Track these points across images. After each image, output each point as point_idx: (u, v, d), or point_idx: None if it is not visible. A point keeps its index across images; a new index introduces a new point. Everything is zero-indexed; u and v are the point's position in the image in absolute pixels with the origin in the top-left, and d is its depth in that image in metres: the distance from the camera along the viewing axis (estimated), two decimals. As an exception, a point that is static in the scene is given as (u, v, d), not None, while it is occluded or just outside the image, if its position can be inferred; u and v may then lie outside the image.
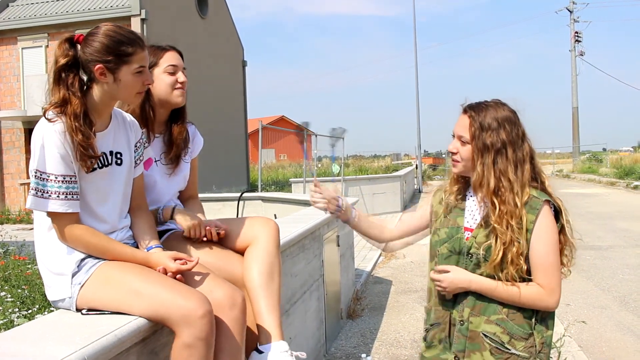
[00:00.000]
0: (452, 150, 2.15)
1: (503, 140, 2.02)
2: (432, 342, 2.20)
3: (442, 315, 2.17)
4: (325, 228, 4.99)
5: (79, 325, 1.82)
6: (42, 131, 1.92)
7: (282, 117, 51.08)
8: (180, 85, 2.43)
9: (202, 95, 20.74)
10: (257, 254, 2.29)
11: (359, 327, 5.75)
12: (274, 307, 2.22)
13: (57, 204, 1.92)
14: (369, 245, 10.32)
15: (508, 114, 2.06)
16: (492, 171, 2.03)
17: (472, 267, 2.08)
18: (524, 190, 2.02)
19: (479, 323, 2.07)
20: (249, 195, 10.00)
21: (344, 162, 20.68)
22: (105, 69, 1.98)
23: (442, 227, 2.19)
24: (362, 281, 7.46)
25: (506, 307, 2.05)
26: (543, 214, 2.01)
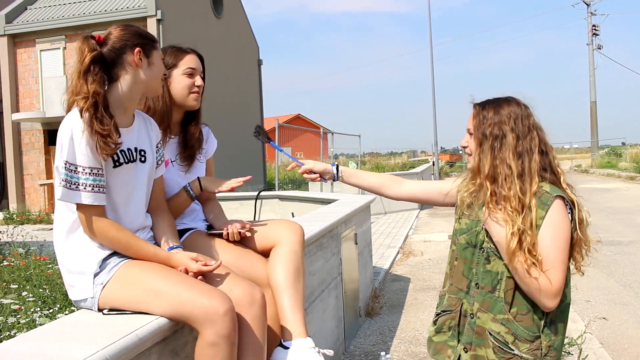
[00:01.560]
0: (463, 144, 2.20)
1: (504, 129, 2.04)
2: (441, 328, 2.23)
3: (455, 303, 2.19)
4: (343, 226, 4.99)
5: (101, 325, 1.84)
6: (70, 124, 1.96)
7: (298, 115, 51.16)
8: (196, 89, 2.46)
9: (219, 95, 20.83)
10: (283, 255, 2.31)
11: (378, 325, 5.74)
12: (299, 305, 2.24)
13: (86, 196, 1.95)
14: (387, 243, 10.31)
15: (515, 108, 2.08)
16: (488, 157, 2.05)
17: (483, 262, 2.09)
18: (532, 180, 2.01)
19: (486, 320, 2.07)
20: (266, 194, 10.01)
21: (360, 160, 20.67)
22: (142, 52, 2.08)
23: (464, 217, 2.20)
24: (380, 279, 7.45)
25: (514, 307, 2.04)
26: (554, 209, 1.98)
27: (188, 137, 2.51)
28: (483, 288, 2.09)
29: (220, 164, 13.72)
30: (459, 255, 2.19)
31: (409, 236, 11.47)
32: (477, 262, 2.12)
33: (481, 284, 2.10)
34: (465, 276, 2.16)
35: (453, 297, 2.21)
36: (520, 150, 2.03)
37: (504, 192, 2.01)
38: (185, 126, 2.54)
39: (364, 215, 6.24)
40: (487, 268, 2.08)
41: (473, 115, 2.13)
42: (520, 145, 2.03)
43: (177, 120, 2.51)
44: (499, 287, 2.06)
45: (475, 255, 2.13)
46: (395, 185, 2.50)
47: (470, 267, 2.14)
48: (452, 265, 2.23)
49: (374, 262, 7.72)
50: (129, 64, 2.07)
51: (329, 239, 4.47)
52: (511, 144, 2.03)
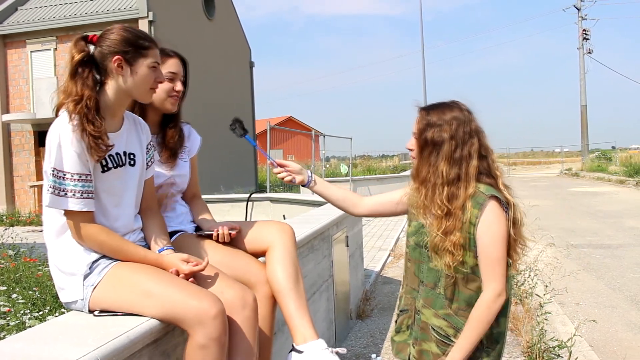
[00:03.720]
0: (408, 147, 2.28)
1: (444, 136, 2.12)
2: (400, 327, 2.34)
3: (410, 302, 2.28)
4: (334, 228, 4.99)
5: (92, 327, 1.83)
6: (58, 130, 1.95)
7: (290, 118, 51.17)
8: (175, 93, 2.46)
9: (210, 97, 20.80)
10: (280, 257, 2.32)
11: (369, 328, 5.74)
12: (304, 308, 2.26)
13: (74, 202, 1.94)
14: (378, 245, 10.32)
15: (457, 114, 2.15)
16: (426, 164, 2.15)
17: (428, 260, 2.18)
18: (469, 185, 2.10)
19: (429, 315, 2.18)
20: (257, 196, 10.03)
21: (352, 162, 20.70)
22: (123, 60, 2.03)
23: (414, 220, 2.27)
24: (371, 281, 7.45)
25: (455, 303, 2.14)
26: (489, 209, 2.07)
27: (167, 139, 2.51)
28: (427, 285, 2.20)
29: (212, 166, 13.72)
30: (410, 256, 2.28)
31: (400, 239, 11.47)
32: (422, 261, 2.21)
33: (425, 281, 2.20)
34: (416, 276, 2.25)
35: (408, 296, 2.30)
36: (457, 156, 2.11)
37: (426, 201, 2.14)
38: (164, 127, 2.54)
39: (355, 218, 6.25)
40: (429, 266, 2.18)
41: (417, 120, 2.20)
42: (457, 152, 2.11)
43: (154, 121, 2.50)
44: (439, 283, 2.16)
45: (422, 254, 2.21)
46: (357, 202, 2.54)
47: (419, 266, 2.23)
48: (406, 267, 2.33)
49: (365, 264, 7.73)
50: (111, 71, 2.05)
51: (320, 241, 4.47)
52: (447, 151, 2.12)
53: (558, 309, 6.16)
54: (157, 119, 2.52)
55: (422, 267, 2.21)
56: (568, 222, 12.77)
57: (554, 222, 12.39)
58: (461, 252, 2.07)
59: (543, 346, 4.50)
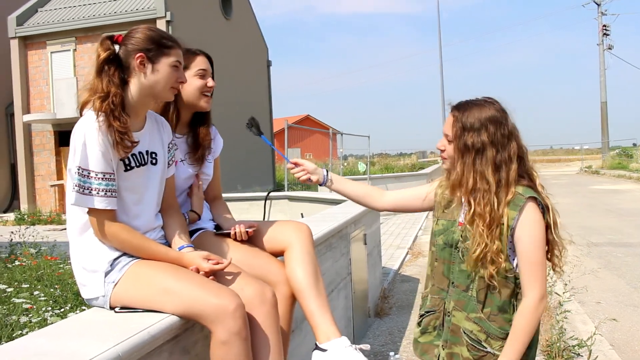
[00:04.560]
0: (439, 147, 2.22)
1: (484, 141, 2.05)
2: (426, 329, 2.27)
3: (438, 303, 2.23)
4: (352, 227, 4.99)
5: (113, 323, 1.86)
6: (83, 129, 1.97)
7: (307, 116, 51.19)
8: (208, 89, 2.48)
9: (228, 96, 20.87)
10: (299, 256, 2.33)
11: (387, 326, 5.74)
12: (325, 306, 2.26)
13: (99, 201, 1.97)
14: (396, 243, 10.31)
15: (493, 114, 2.07)
16: (471, 171, 2.07)
17: (459, 261, 2.14)
18: (509, 190, 2.04)
19: (461, 318, 2.13)
20: (275, 194, 10.05)
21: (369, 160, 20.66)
22: (145, 58, 2.06)
23: (441, 218, 2.23)
24: (389, 279, 7.45)
25: (487, 308, 2.09)
26: (527, 210, 2.02)
27: (200, 139, 2.53)
28: (458, 287, 2.15)
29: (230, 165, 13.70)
30: (438, 255, 2.23)
31: (418, 237, 11.45)
32: (453, 262, 2.17)
33: (456, 283, 2.16)
34: (445, 276, 2.20)
35: (436, 297, 2.24)
36: (498, 162, 2.05)
37: (478, 209, 2.05)
38: (195, 127, 2.56)
39: (373, 215, 6.24)
40: (461, 267, 2.13)
41: (452, 122, 2.13)
42: (499, 157, 2.05)
43: (185, 121, 2.54)
44: (472, 286, 2.11)
45: (452, 255, 2.17)
46: (378, 196, 2.52)
47: (449, 266, 2.19)
48: (432, 267, 2.27)
49: (383, 262, 7.72)
50: (133, 68, 2.08)
51: (338, 239, 4.47)
52: (490, 157, 2.05)
53: (578, 307, 6.11)
54: (188, 118, 2.54)
55: (453, 268, 2.16)
56: (588, 220, 12.64)
57: (574, 220, 12.27)
58: (502, 259, 2.02)
59: (562, 345, 4.47)
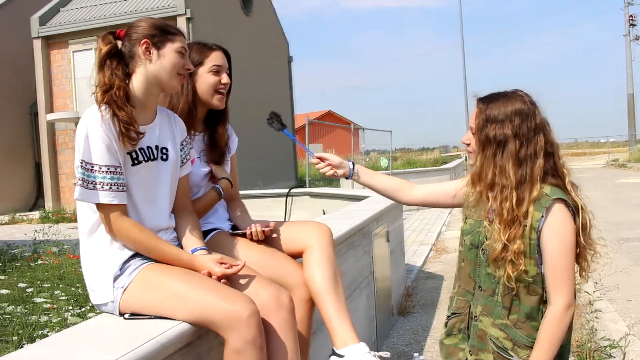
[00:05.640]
0: (464, 141, 2.12)
1: (507, 134, 1.94)
2: (452, 331, 2.18)
3: (463, 305, 2.14)
4: (374, 224, 4.89)
5: (121, 331, 1.78)
6: (85, 123, 1.93)
7: (329, 112, 51.10)
8: (222, 86, 2.39)
9: (249, 93, 20.87)
10: (318, 258, 2.24)
11: (411, 324, 5.62)
12: (344, 310, 2.17)
13: (104, 195, 1.91)
14: (420, 240, 10.17)
15: (520, 106, 1.96)
16: (490, 165, 1.97)
17: (485, 263, 2.03)
18: (534, 188, 1.92)
19: (487, 324, 2.03)
20: (297, 190, 9.95)
21: (392, 155, 20.53)
22: (150, 44, 2.03)
23: (469, 217, 2.13)
24: (413, 277, 7.33)
25: (513, 314, 1.99)
26: (554, 213, 1.90)
27: (217, 137, 2.46)
28: (484, 291, 2.05)
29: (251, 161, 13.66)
30: (465, 256, 2.13)
31: (442, 232, 11.30)
32: (479, 264, 2.06)
33: (483, 287, 2.05)
34: (471, 278, 2.11)
35: (461, 299, 2.15)
36: (522, 156, 1.93)
37: (496, 206, 1.95)
38: (211, 125, 2.48)
39: (396, 212, 6.13)
40: (487, 270, 2.02)
41: (476, 114, 2.03)
42: (522, 151, 1.93)
43: (200, 118, 2.46)
44: (497, 290, 2.01)
45: (478, 256, 2.06)
46: (407, 190, 2.41)
47: (475, 268, 2.08)
48: (459, 267, 2.18)
49: (406, 259, 7.60)
50: (139, 56, 2.03)
51: (360, 237, 4.37)
52: (513, 151, 1.94)
53: (608, 305, 5.91)
54: (203, 116, 2.47)
55: (479, 271, 2.06)
56: (616, 214, 12.34)
57: (602, 214, 11.97)
58: (522, 261, 1.91)
59: (593, 345, 4.32)
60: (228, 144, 2.51)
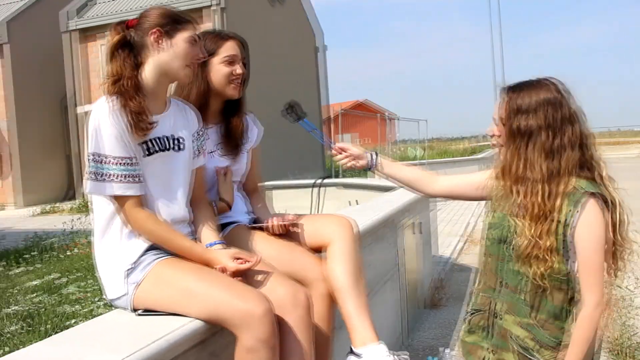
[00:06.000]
0: (488, 133, 2.02)
1: (538, 124, 1.83)
2: (473, 328, 2.08)
3: (486, 302, 2.04)
4: (403, 215, 4.79)
5: (132, 328, 1.75)
6: (96, 114, 1.90)
7: (364, 101, 50.76)
8: (235, 77, 2.32)
9: (280, 82, 20.84)
10: (340, 253, 2.16)
11: (440, 318, 5.52)
12: (364, 308, 2.10)
13: (116, 187, 1.87)
14: (452, 231, 10.03)
15: (551, 95, 1.85)
16: (519, 158, 1.86)
17: (509, 259, 1.93)
18: (565, 181, 1.82)
19: (511, 322, 1.94)
20: (326, 181, 9.83)
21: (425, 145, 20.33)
22: (161, 33, 1.98)
23: (496, 210, 2.02)
24: (443, 269, 7.21)
25: (539, 314, 1.89)
26: (587, 208, 1.80)
27: (232, 129, 2.39)
28: (509, 288, 1.95)
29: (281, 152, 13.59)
30: (489, 251, 2.02)
31: (475, 224, 11.12)
32: (504, 259, 1.96)
33: (507, 283, 1.95)
34: (495, 273, 2.00)
35: (484, 295, 2.05)
36: (553, 148, 1.82)
37: (524, 201, 1.85)
38: (227, 116, 2.41)
39: (426, 203, 6.03)
40: (513, 267, 1.92)
41: (502, 103, 1.92)
42: (553, 143, 1.82)
43: (215, 109, 2.38)
44: (522, 288, 1.91)
45: (503, 251, 1.96)
46: (431, 181, 2.32)
47: (500, 264, 1.98)
48: (483, 261, 2.07)
49: (437, 251, 7.49)
50: (149, 46, 1.99)
51: (388, 229, 4.29)
52: (543, 142, 1.83)
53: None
54: (219, 107, 2.40)
55: (503, 266, 1.96)
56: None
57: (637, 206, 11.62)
58: (554, 259, 1.81)
59: (632, 343, 4.16)
60: (245, 136, 2.44)
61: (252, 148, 2.50)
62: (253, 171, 2.52)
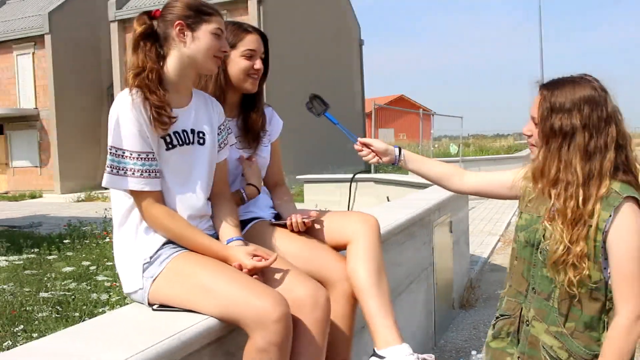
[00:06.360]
0: (525, 132, 1.91)
1: (575, 124, 1.72)
2: (499, 333, 2.00)
3: (514, 307, 1.96)
4: (436, 213, 4.69)
5: (146, 323, 1.71)
6: (116, 108, 1.86)
7: (402, 96, 50.41)
8: (254, 72, 2.27)
9: (318, 76, 20.78)
10: (362, 252, 2.10)
11: (472, 319, 5.40)
12: (387, 308, 2.03)
13: (135, 182, 1.83)
14: (487, 230, 9.85)
15: (590, 93, 1.74)
16: (555, 159, 1.76)
17: (540, 264, 1.83)
18: (602, 183, 1.71)
19: (540, 330, 1.84)
20: (361, 176, 9.77)
21: (464, 141, 20.04)
22: (184, 26, 1.94)
23: (525, 212, 1.93)
24: (477, 269, 7.06)
25: (570, 322, 1.79)
26: (623, 212, 1.69)
27: (250, 123, 2.35)
28: (539, 294, 1.85)
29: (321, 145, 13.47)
30: (518, 254, 1.93)
31: (512, 223, 10.90)
32: (534, 264, 1.86)
33: (537, 289, 1.86)
34: (524, 278, 1.91)
35: (512, 300, 1.97)
36: (591, 149, 1.72)
37: (559, 204, 1.75)
38: (245, 109, 2.37)
39: (460, 201, 5.89)
40: (543, 272, 1.82)
41: (538, 102, 1.81)
42: (592, 144, 1.72)
43: (233, 102, 2.34)
44: (553, 295, 1.81)
45: (533, 255, 1.86)
46: (457, 177, 2.22)
47: (529, 268, 1.89)
48: (512, 265, 1.98)
49: (471, 250, 7.34)
50: (173, 38, 1.94)
51: (420, 227, 4.19)
52: (581, 143, 1.72)
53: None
54: (237, 100, 2.36)
55: (534, 272, 1.87)
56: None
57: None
58: (585, 265, 1.71)
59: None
60: (263, 129, 2.39)
61: (273, 142, 2.46)
62: (274, 165, 2.47)
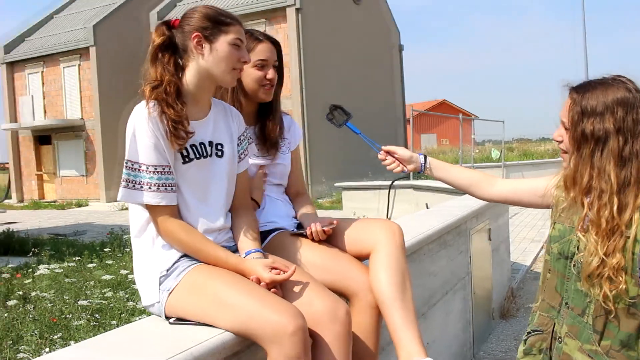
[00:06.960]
0: (556, 138, 1.81)
1: (608, 128, 1.62)
2: (531, 350, 1.90)
3: (546, 323, 1.86)
4: (473, 221, 4.57)
5: (161, 337, 1.68)
6: (133, 120, 1.83)
7: (444, 101, 49.88)
8: (267, 81, 2.24)
9: (358, 83, 20.73)
10: (384, 262, 2.03)
11: (513, 329, 5.24)
12: (411, 320, 1.96)
13: (150, 196, 1.81)
14: (530, 237, 9.61)
15: (623, 95, 1.63)
16: (587, 166, 1.65)
17: (574, 278, 1.73)
18: (636, 191, 1.60)
19: (573, 348, 1.74)
20: (400, 183, 9.65)
21: (507, 146, 19.70)
22: (202, 37, 1.89)
23: (558, 222, 1.83)
24: (518, 278, 6.87)
25: (606, 340, 1.67)
26: None
27: (267, 131, 2.32)
28: (573, 309, 1.75)
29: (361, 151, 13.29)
30: (552, 266, 1.83)
31: (556, 230, 10.61)
32: (568, 277, 1.76)
33: (571, 304, 1.76)
34: (557, 292, 1.81)
35: (544, 315, 1.87)
36: (626, 154, 1.61)
37: (592, 214, 1.64)
38: (262, 117, 2.34)
39: (500, 207, 5.74)
40: (577, 286, 1.72)
41: (569, 106, 1.71)
42: (626, 149, 1.61)
43: (250, 112, 2.32)
44: (588, 310, 1.70)
45: (567, 268, 1.76)
46: (486, 185, 2.13)
47: (562, 282, 1.79)
48: (544, 278, 1.88)
49: (514, 258, 7.16)
50: (191, 50, 1.91)
51: (455, 235, 4.09)
52: (615, 149, 1.61)
53: None
54: (253, 109, 2.34)
55: (568, 286, 1.77)
56: None
57: None
58: (622, 279, 1.60)
59: None
60: (281, 137, 2.36)
61: (292, 150, 2.43)
62: (294, 174, 2.44)
